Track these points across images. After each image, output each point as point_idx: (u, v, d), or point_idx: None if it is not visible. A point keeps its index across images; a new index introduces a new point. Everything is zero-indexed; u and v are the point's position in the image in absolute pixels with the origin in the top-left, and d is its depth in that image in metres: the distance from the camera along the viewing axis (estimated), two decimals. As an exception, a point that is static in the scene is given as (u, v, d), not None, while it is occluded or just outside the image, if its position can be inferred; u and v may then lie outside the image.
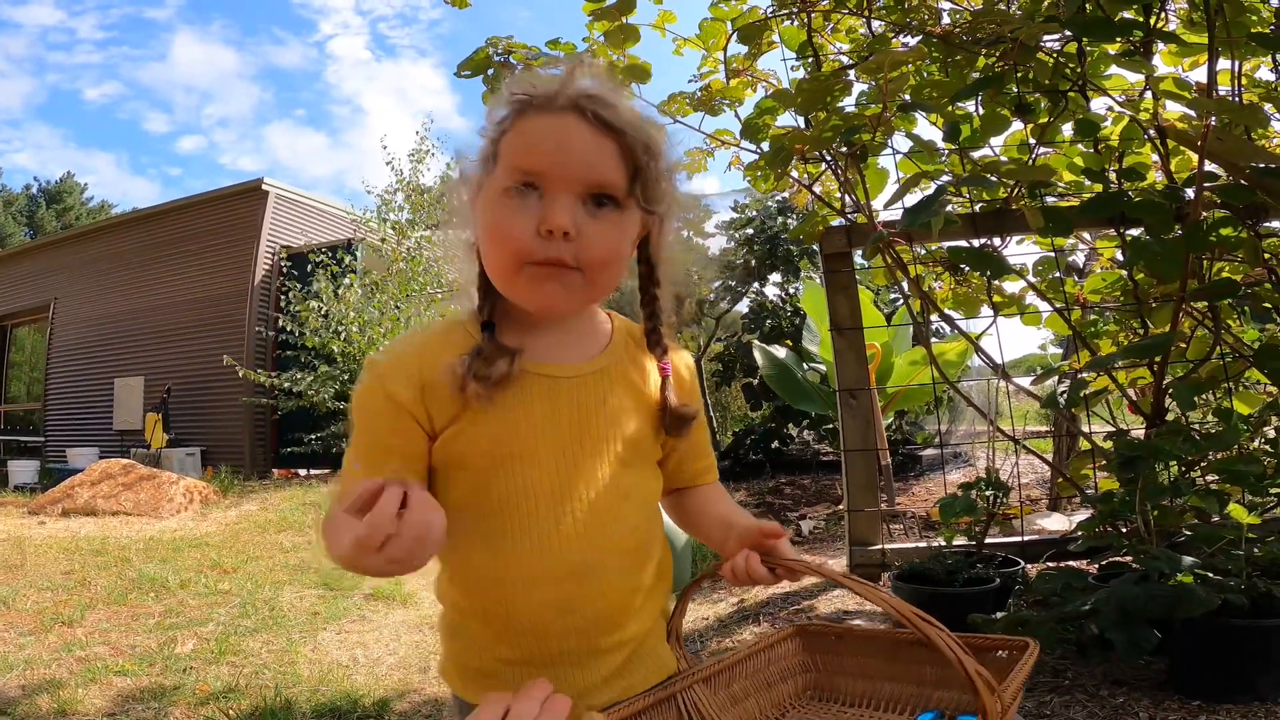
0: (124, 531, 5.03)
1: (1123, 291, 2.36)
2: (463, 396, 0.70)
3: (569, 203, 0.69)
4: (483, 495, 0.73)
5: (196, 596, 3.40)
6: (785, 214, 7.57)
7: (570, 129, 0.69)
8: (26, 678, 2.33)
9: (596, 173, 0.70)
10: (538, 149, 0.69)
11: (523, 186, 0.69)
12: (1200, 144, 1.65)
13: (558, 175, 0.69)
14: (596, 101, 0.69)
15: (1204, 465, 1.84)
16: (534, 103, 0.70)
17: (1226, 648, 1.47)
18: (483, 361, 0.70)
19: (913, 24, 2.22)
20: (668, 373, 0.80)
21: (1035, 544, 2.40)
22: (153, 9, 59.31)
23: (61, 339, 11.22)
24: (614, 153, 0.70)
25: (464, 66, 2.56)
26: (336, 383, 8.01)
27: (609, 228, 0.71)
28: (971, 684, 0.58)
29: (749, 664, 0.81)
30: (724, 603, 2.81)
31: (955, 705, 0.76)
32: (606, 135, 0.69)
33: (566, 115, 0.69)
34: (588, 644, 0.74)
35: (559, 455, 0.73)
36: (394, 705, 2.21)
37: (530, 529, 0.72)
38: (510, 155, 0.71)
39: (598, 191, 0.70)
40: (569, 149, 0.69)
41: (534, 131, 0.70)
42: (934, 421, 6.46)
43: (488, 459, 0.73)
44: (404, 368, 0.72)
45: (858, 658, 0.85)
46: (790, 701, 0.84)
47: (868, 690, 0.83)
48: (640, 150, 0.71)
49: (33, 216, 29.04)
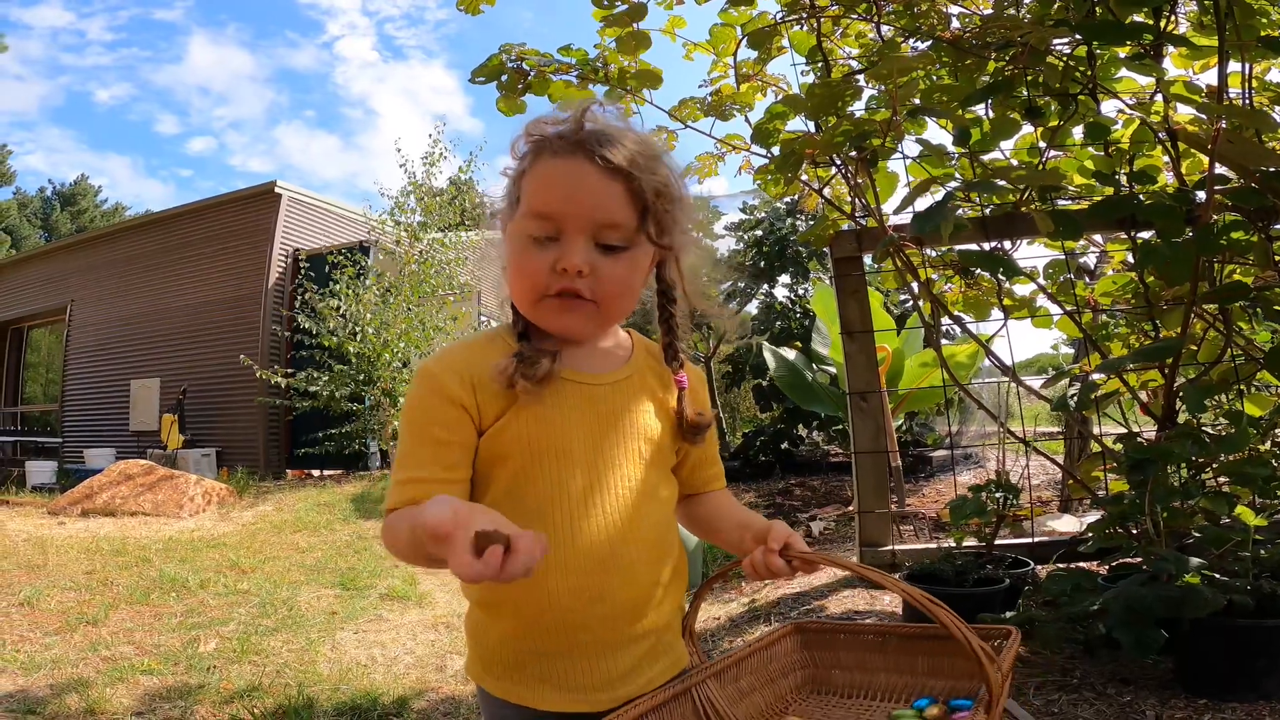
0: (143, 532, 5.11)
1: (1133, 294, 2.37)
2: (510, 393, 0.77)
3: (582, 244, 0.75)
4: (522, 489, 0.78)
5: (216, 596, 3.45)
6: (794, 215, 7.58)
7: (580, 174, 0.75)
8: (55, 677, 2.39)
9: (606, 214, 0.75)
10: (551, 194, 0.75)
11: (543, 236, 0.76)
12: (1211, 147, 1.66)
13: (570, 218, 0.75)
14: (605, 145, 0.74)
15: (1214, 467, 1.84)
16: (548, 145, 0.76)
17: (1233, 647, 1.49)
18: (527, 362, 0.77)
19: (921, 29, 2.24)
20: (684, 385, 0.87)
21: (1045, 545, 2.41)
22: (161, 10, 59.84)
23: (78, 341, 11.37)
24: (622, 194, 0.75)
25: (478, 74, 2.60)
26: (351, 383, 8.09)
27: (620, 264, 0.77)
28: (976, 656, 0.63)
29: (752, 660, 0.86)
30: (735, 603, 2.84)
31: (948, 692, 0.81)
32: (614, 178, 0.75)
33: (577, 158, 0.75)
34: (614, 634, 0.79)
35: (590, 453, 0.79)
36: (412, 703, 2.25)
37: (565, 521, 0.78)
38: (529, 198, 0.77)
39: (609, 235, 0.76)
40: (579, 193, 0.75)
41: (548, 174, 0.76)
42: (944, 423, 6.45)
43: (527, 454, 0.78)
44: (455, 368, 0.79)
45: (853, 652, 0.89)
46: (791, 695, 0.88)
47: (863, 682, 0.88)
48: (649, 191, 0.76)
49: (48, 219, 29.40)
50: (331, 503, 6.04)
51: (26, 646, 2.68)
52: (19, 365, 13.00)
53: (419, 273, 8.34)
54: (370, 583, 3.75)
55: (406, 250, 8.46)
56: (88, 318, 11.27)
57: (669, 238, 0.80)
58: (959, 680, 0.81)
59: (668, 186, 0.78)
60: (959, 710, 0.76)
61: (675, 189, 0.79)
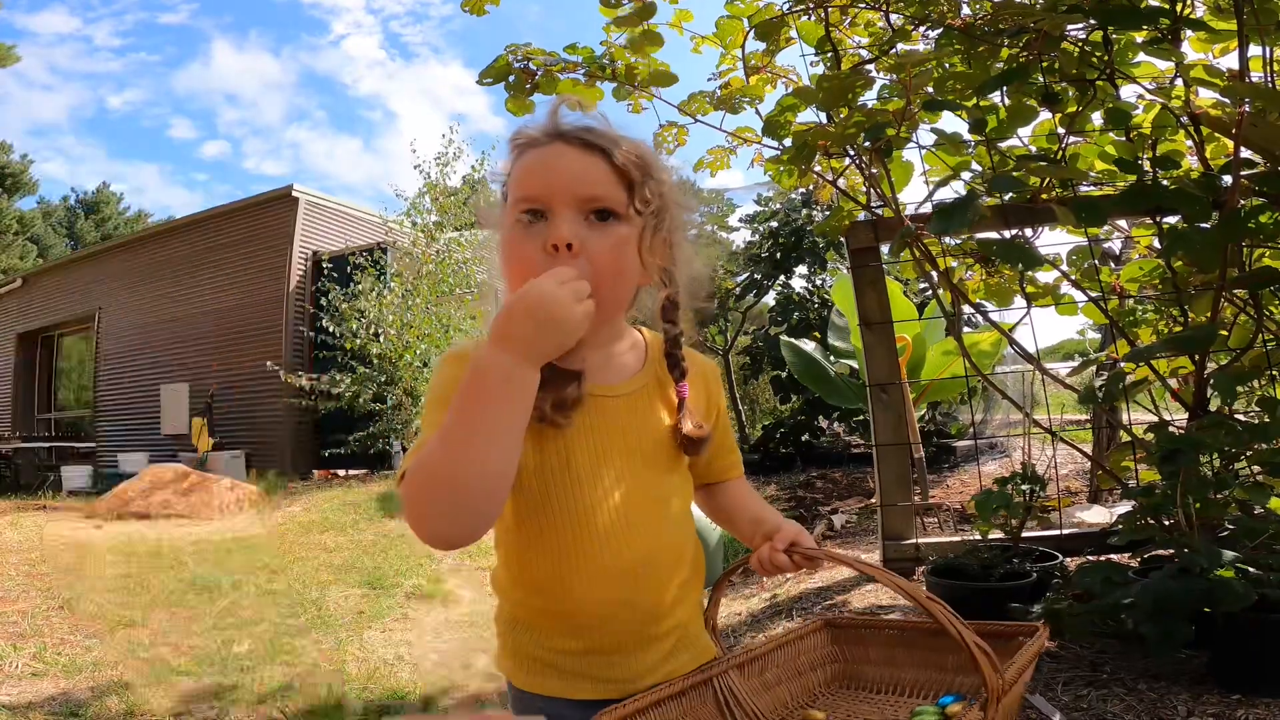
0: (177, 534, 5.22)
1: (1161, 280, 2.32)
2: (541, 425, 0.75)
3: (570, 217, 0.75)
4: (544, 505, 0.79)
5: (248, 597, 3.53)
6: (810, 206, 7.51)
7: (559, 152, 0.77)
8: (95, 679, 2.46)
9: (588, 186, 0.76)
10: (532, 175, 0.77)
11: (529, 214, 0.76)
12: (1235, 131, 1.62)
13: (553, 194, 0.75)
14: (579, 128, 0.77)
15: (1247, 457, 1.80)
16: (529, 142, 0.79)
17: (1266, 641, 1.45)
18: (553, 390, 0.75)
19: (932, 16, 2.20)
20: (684, 396, 0.86)
21: (1074, 538, 2.37)
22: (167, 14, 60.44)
23: (108, 347, 11.62)
24: (604, 167, 0.76)
25: (485, 75, 2.60)
26: (374, 384, 8.19)
27: (611, 237, 0.77)
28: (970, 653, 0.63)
29: (780, 654, 0.87)
30: (756, 598, 2.84)
31: (976, 689, 0.80)
32: (593, 153, 0.76)
33: (554, 144, 0.77)
34: (642, 633, 0.81)
35: (609, 466, 0.80)
36: (439, 702, 2.28)
37: (589, 534, 0.79)
38: (513, 189, 0.79)
39: (597, 205, 0.76)
40: (558, 168, 0.76)
41: (529, 163, 0.79)
42: (968, 412, 6.37)
43: (541, 469, 0.79)
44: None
45: (882, 648, 0.90)
46: (820, 689, 0.89)
47: (892, 677, 0.88)
48: (632, 164, 0.77)
49: (72, 227, 30.02)
50: (357, 502, 6.13)
51: (67, 649, 2.75)
52: (51, 372, 13.33)
53: (436, 273, 8.40)
54: (397, 582, 3.81)
55: (424, 251, 8.53)
56: (116, 324, 11.51)
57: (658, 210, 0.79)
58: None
59: (647, 161, 0.79)
60: None
61: (657, 165, 0.80)
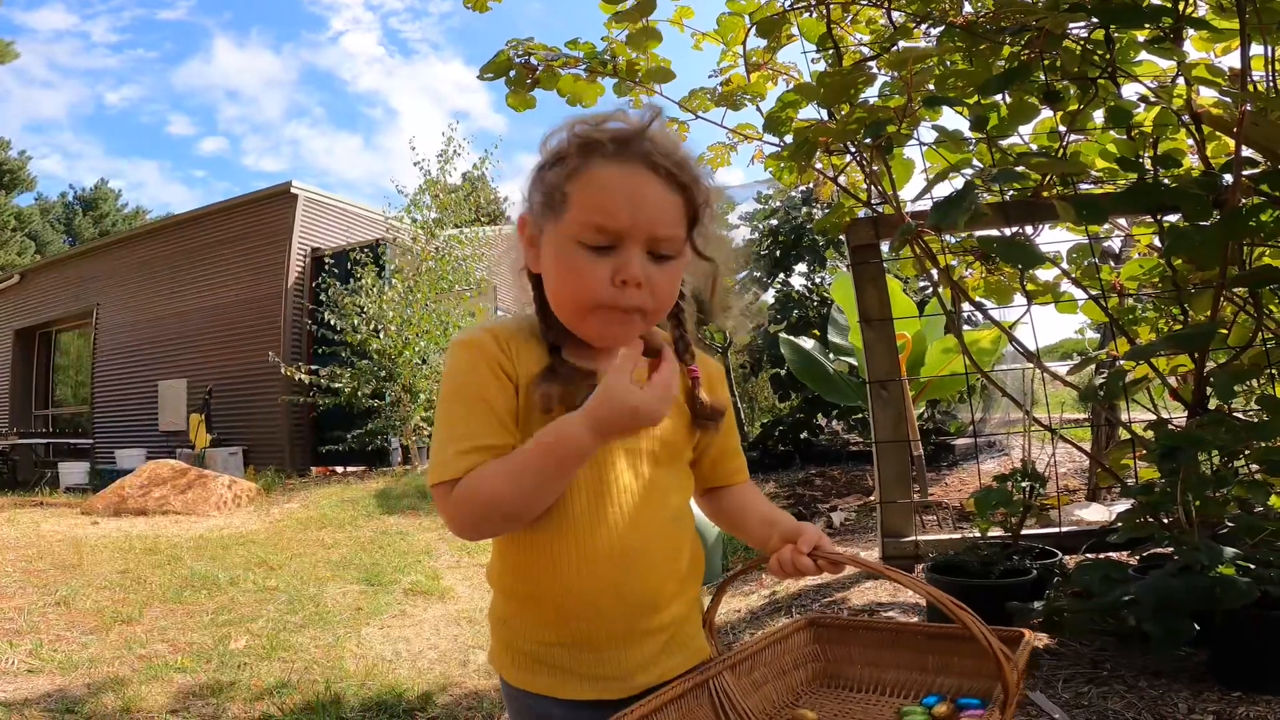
0: (174, 530, 5.21)
1: (1161, 278, 2.32)
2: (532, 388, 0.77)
3: (640, 255, 0.75)
4: None
5: (245, 593, 3.52)
6: (810, 204, 7.51)
7: (645, 186, 0.74)
8: (91, 676, 2.45)
9: (665, 228, 0.75)
10: (613, 203, 0.74)
11: (599, 245, 0.74)
12: (1236, 130, 1.61)
13: (635, 230, 0.74)
14: (669, 159, 0.74)
15: (1247, 455, 1.80)
16: (600, 149, 0.74)
17: (1267, 638, 1.46)
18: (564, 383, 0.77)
19: (933, 14, 2.19)
20: (697, 375, 0.87)
21: (1073, 535, 2.37)
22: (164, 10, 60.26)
23: (105, 343, 11.60)
24: (679, 208, 0.76)
25: (486, 69, 2.59)
26: (373, 380, 8.18)
27: (668, 274, 0.78)
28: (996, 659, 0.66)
29: (766, 653, 0.88)
30: (755, 595, 2.84)
31: (956, 690, 0.83)
32: (677, 193, 0.75)
33: (639, 169, 0.74)
34: (633, 625, 0.81)
35: (608, 456, 0.80)
36: (436, 699, 2.28)
37: (583, 520, 0.79)
38: (585, 209, 0.74)
39: (663, 249, 0.76)
40: (645, 205, 0.74)
41: (608, 185, 0.74)
42: (967, 410, 6.38)
43: None
44: (499, 339, 0.80)
45: (865, 648, 0.91)
46: (803, 687, 0.90)
47: (874, 677, 0.89)
48: (701, 205, 0.77)
49: (70, 224, 29.96)
50: (355, 499, 6.12)
51: (64, 646, 2.75)
52: (49, 368, 13.30)
53: (436, 269, 8.39)
54: (394, 578, 3.80)
55: (423, 247, 8.52)
56: (114, 320, 11.49)
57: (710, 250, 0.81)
58: (967, 679, 0.83)
59: (710, 201, 0.79)
60: (967, 708, 0.77)
61: (715, 203, 0.80)
